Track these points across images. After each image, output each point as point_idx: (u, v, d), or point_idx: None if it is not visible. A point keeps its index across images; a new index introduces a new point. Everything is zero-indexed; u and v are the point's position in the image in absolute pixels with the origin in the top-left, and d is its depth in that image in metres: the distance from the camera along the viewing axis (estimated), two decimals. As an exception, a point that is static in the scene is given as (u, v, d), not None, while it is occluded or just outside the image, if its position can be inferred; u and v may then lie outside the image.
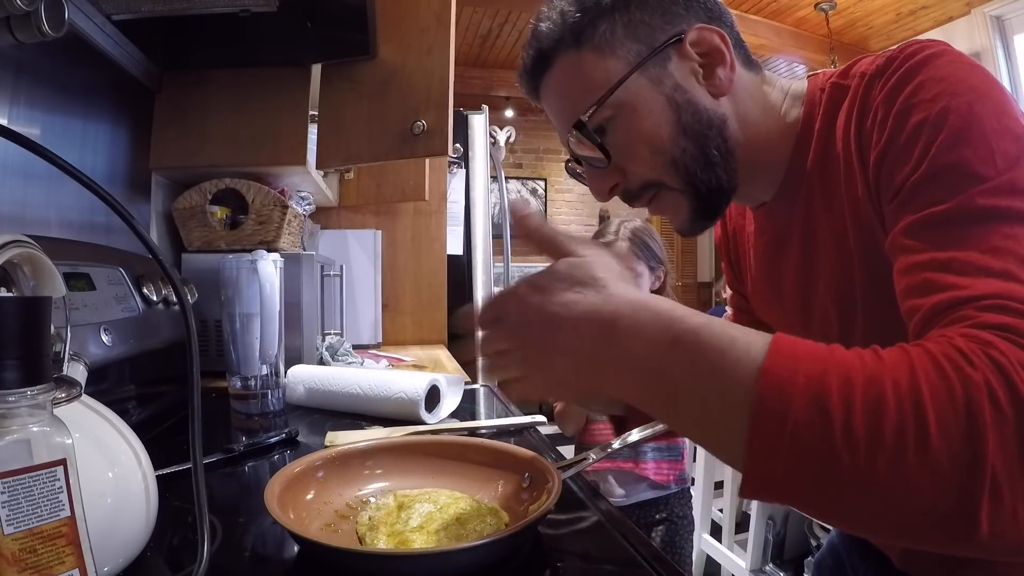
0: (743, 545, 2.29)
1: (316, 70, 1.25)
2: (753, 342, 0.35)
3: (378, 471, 0.63)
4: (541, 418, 0.90)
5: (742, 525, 2.31)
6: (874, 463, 0.31)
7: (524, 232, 0.45)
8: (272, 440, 0.80)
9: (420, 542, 0.49)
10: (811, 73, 0.58)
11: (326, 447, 0.77)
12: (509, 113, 5.23)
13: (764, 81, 0.58)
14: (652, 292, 1.26)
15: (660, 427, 0.72)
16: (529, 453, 0.61)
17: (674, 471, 1.46)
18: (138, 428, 0.49)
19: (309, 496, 0.57)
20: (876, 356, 0.34)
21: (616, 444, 0.67)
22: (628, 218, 1.47)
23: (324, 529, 0.54)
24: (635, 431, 0.70)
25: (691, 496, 1.62)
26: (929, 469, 0.31)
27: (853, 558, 0.74)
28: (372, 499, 0.59)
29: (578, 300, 0.39)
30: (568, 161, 0.63)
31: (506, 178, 4.51)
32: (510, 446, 0.65)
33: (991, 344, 0.33)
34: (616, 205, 6.03)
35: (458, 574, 0.46)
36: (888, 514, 0.32)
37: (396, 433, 0.81)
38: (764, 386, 0.33)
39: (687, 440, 1.38)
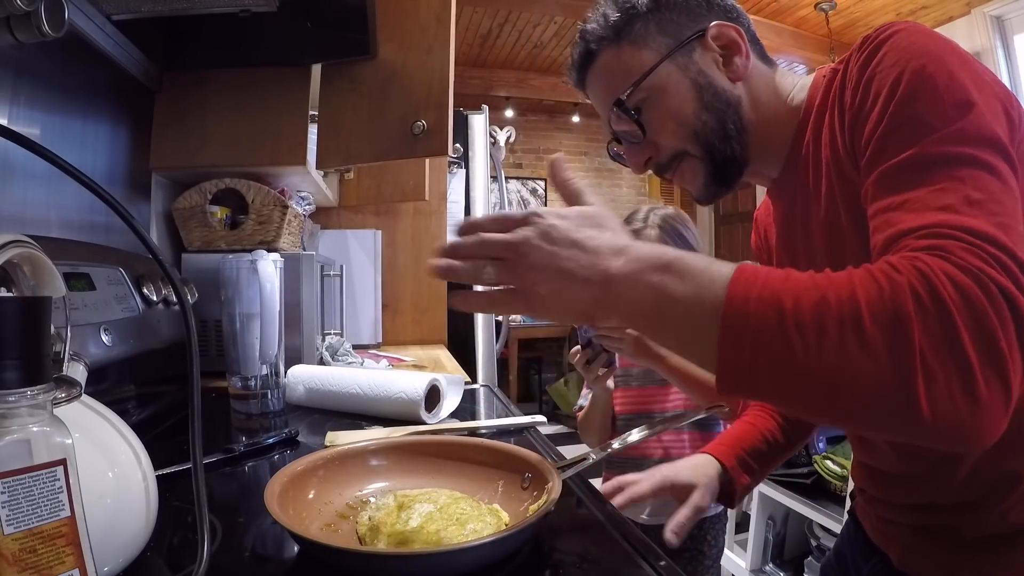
0: (743, 545, 2.29)
1: (316, 70, 1.25)
2: (724, 264, 0.43)
3: (378, 471, 0.63)
4: (541, 418, 0.91)
5: (742, 525, 2.31)
6: (821, 348, 0.38)
7: (559, 179, 0.54)
8: (272, 440, 0.80)
9: (420, 542, 0.49)
10: (822, 66, 0.65)
11: (326, 447, 0.77)
12: (509, 113, 5.23)
13: (778, 74, 0.67)
14: None
15: (659, 428, 0.72)
16: (529, 453, 0.61)
17: None
18: (138, 428, 0.49)
19: (309, 496, 0.57)
20: (824, 274, 0.42)
21: (616, 444, 0.67)
22: (659, 205, 1.31)
23: (324, 529, 0.54)
24: (635, 431, 0.70)
25: (726, 519, 1.33)
26: (867, 352, 0.37)
27: (857, 560, 0.75)
28: (372, 499, 0.59)
29: (598, 234, 0.47)
30: (609, 142, 0.73)
31: (506, 178, 4.51)
32: (510, 446, 0.65)
33: (918, 258, 0.40)
34: (615, 205, 6.03)
35: (458, 574, 0.46)
36: (839, 396, 0.39)
37: (396, 433, 0.81)
38: (731, 294, 0.41)
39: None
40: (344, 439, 0.79)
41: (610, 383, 1.27)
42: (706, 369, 0.44)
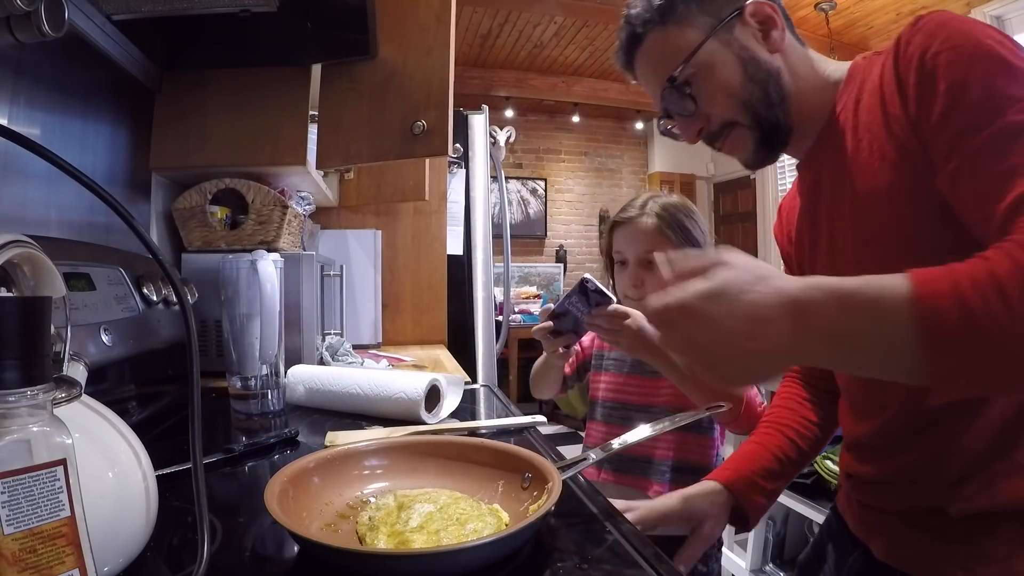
0: (743, 545, 2.29)
1: (316, 70, 1.25)
2: (896, 282, 0.46)
3: (378, 471, 0.63)
4: (541, 418, 0.90)
5: (742, 525, 2.31)
6: (1015, 323, 0.42)
7: (681, 276, 0.51)
8: (272, 440, 0.80)
9: (420, 542, 0.49)
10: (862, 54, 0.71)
11: (326, 447, 0.77)
12: (509, 113, 5.23)
13: (811, 51, 0.73)
14: None
15: (658, 429, 0.70)
16: (529, 453, 0.61)
17: None
18: (138, 428, 0.49)
19: (309, 497, 0.57)
20: (982, 258, 0.45)
21: (616, 444, 0.67)
22: (661, 193, 1.17)
23: (324, 529, 0.54)
24: (634, 432, 0.70)
25: (721, 542, 1.11)
26: None
27: (839, 554, 0.78)
28: (372, 499, 0.59)
29: (758, 299, 0.47)
30: (660, 118, 0.77)
31: (506, 178, 4.51)
32: (510, 446, 0.65)
33: None
34: (615, 206, 6.02)
35: (458, 574, 0.46)
36: None
37: (396, 433, 0.81)
38: (919, 308, 0.44)
39: (721, 454, 1.12)
40: (344, 439, 0.79)
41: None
42: (917, 382, 0.46)
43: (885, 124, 0.60)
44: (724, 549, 2.19)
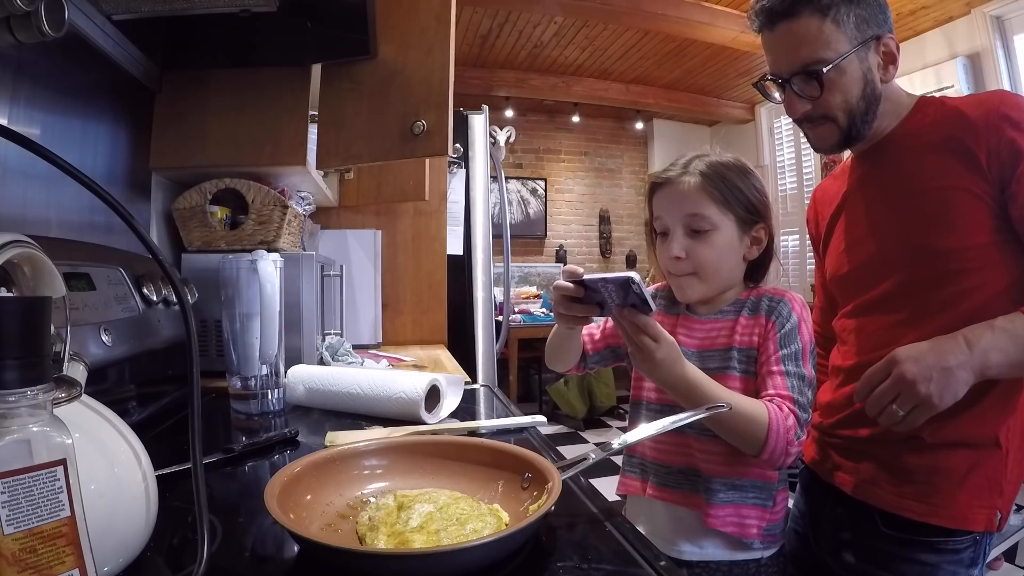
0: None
1: (316, 70, 1.25)
2: (1020, 317, 0.76)
3: (378, 471, 0.63)
4: (541, 418, 0.90)
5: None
6: None
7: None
8: (272, 440, 0.80)
9: (420, 542, 0.49)
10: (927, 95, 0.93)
11: (326, 447, 0.77)
12: (509, 113, 5.23)
13: (897, 85, 0.91)
14: (752, 261, 0.90)
15: (660, 429, 0.69)
16: (529, 453, 0.61)
17: (762, 521, 0.85)
18: (138, 428, 0.49)
19: (309, 496, 0.57)
20: None
21: (616, 444, 0.66)
22: (708, 152, 0.93)
23: (324, 529, 0.54)
24: (634, 432, 0.70)
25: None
26: None
27: (814, 507, 1.00)
28: (372, 499, 0.59)
29: (947, 349, 0.75)
30: (765, 79, 0.91)
31: (506, 178, 4.50)
32: (510, 446, 0.65)
33: None
34: (615, 206, 6.03)
35: (458, 574, 0.46)
36: None
37: (396, 433, 0.81)
38: None
39: (781, 479, 0.89)
40: (344, 439, 0.79)
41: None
42: None
43: (960, 153, 0.82)
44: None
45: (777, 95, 0.90)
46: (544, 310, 5.32)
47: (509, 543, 0.48)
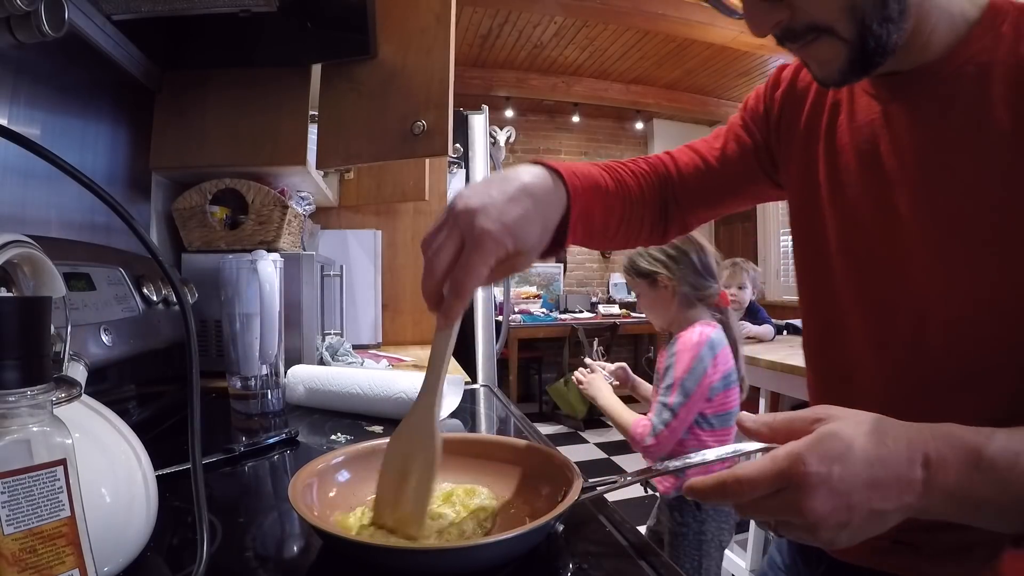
0: (743, 545, 2.29)
1: (316, 70, 1.25)
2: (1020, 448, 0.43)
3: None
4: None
5: (742, 525, 2.31)
6: None
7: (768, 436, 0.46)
8: (272, 440, 0.80)
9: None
10: None
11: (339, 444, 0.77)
12: (509, 113, 5.23)
13: None
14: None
15: (700, 462, 0.56)
16: (561, 458, 0.59)
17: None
18: (138, 428, 0.49)
19: (332, 493, 0.57)
20: None
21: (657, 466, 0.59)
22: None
23: (352, 526, 0.54)
24: (675, 460, 0.56)
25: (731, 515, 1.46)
26: None
27: (808, 560, 0.73)
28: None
29: (887, 455, 0.42)
30: None
31: (506, 178, 4.47)
32: (541, 447, 0.64)
33: None
34: (616, 205, 6.02)
35: (463, 571, 0.46)
36: None
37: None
38: None
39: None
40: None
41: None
42: (999, 529, 0.45)
43: None
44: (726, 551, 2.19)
45: (738, 5, 0.60)
46: (544, 310, 5.33)
47: (524, 542, 0.48)
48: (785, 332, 2.79)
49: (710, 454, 0.53)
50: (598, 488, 0.55)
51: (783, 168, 0.72)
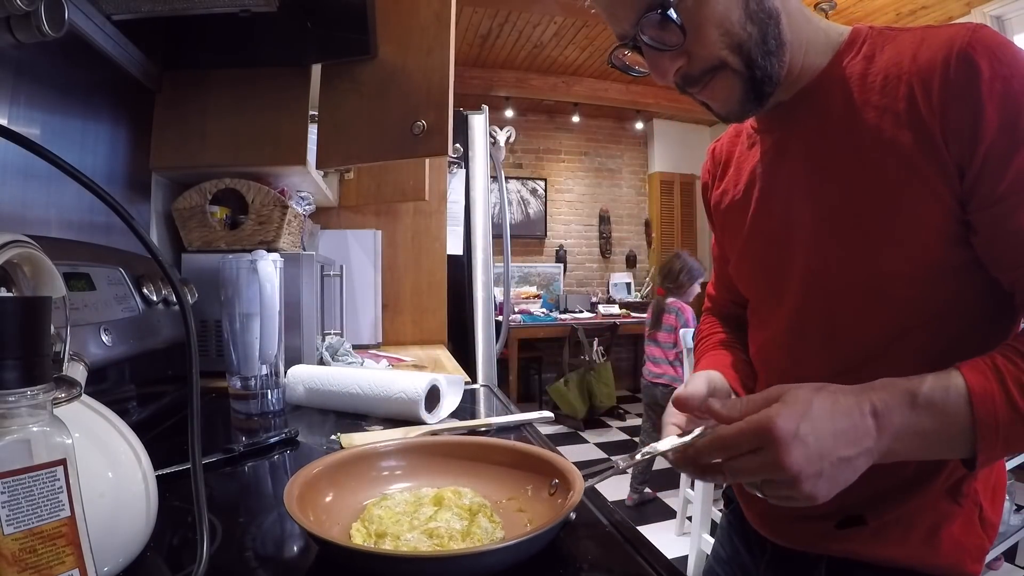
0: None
1: (316, 70, 1.25)
2: (955, 382, 0.51)
3: (397, 472, 0.63)
4: (548, 414, 0.90)
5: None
6: None
7: (708, 412, 0.53)
8: (272, 440, 0.80)
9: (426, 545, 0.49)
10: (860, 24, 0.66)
11: (341, 447, 0.77)
12: (509, 113, 5.23)
13: (803, 6, 0.65)
14: None
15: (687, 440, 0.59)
16: (556, 458, 0.60)
17: None
18: (138, 428, 0.49)
19: (328, 498, 0.57)
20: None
21: (638, 456, 0.61)
22: None
23: (342, 532, 0.54)
24: (664, 441, 0.59)
25: None
26: None
27: (750, 547, 0.77)
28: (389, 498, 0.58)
29: (843, 409, 0.49)
30: (617, 48, 0.63)
31: (506, 178, 4.49)
32: (534, 448, 0.64)
33: None
34: (615, 206, 6.02)
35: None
36: None
37: (412, 433, 0.81)
38: (979, 412, 0.49)
39: None
40: (359, 440, 0.79)
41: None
42: (956, 457, 0.53)
43: (911, 121, 0.56)
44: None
45: (639, 65, 0.64)
46: (544, 310, 5.33)
47: (525, 548, 0.48)
48: None
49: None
50: (595, 478, 0.57)
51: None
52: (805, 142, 0.64)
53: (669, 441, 0.58)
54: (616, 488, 3.28)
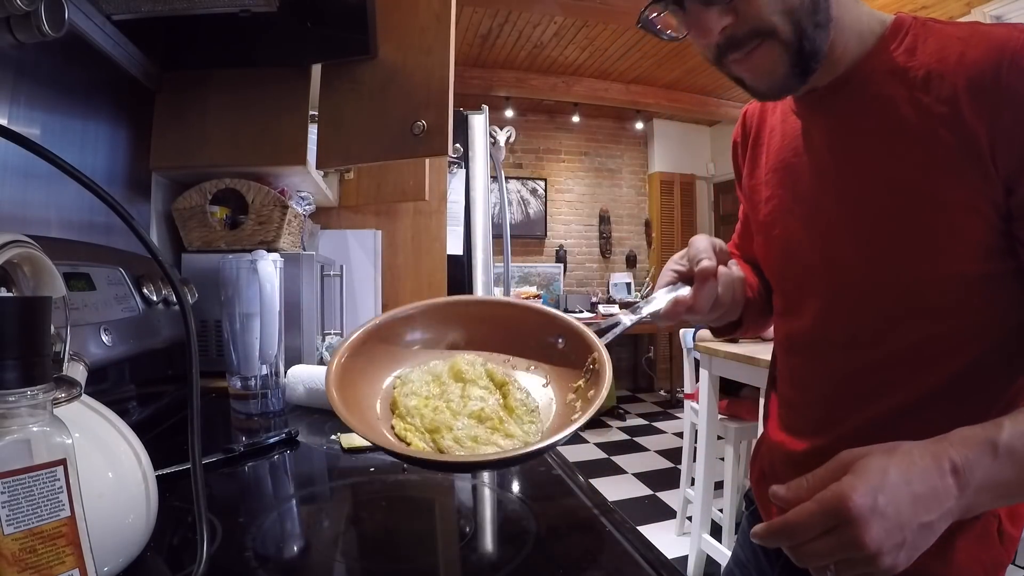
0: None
1: (316, 70, 1.25)
2: None
3: (421, 343, 0.59)
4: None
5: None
6: None
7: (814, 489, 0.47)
8: (272, 440, 0.80)
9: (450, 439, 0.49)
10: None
11: (343, 448, 0.77)
12: (509, 113, 5.23)
13: None
14: None
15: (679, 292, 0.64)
16: (558, 314, 0.59)
17: None
18: (138, 428, 0.49)
19: (363, 382, 0.54)
20: None
21: (645, 310, 0.62)
22: None
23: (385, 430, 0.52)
24: (660, 293, 0.64)
25: None
26: None
27: (760, 562, 0.77)
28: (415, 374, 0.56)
29: (920, 473, 0.45)
30: (649, 6, 0.59)
31: (506, 178, 4.50)
32: (531, 304, 0.62)
33: None
34: (615, 206, 6.02)
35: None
36: None
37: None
38: None
39: None
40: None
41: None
42: None
43: (954, 124, 0.53)
44: (724, 548, 2.19)
45: (676, 25, 0.60)
46: (544, 310, 5.31)
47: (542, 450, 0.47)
48: None
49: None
50: (609, 333, 0.57)
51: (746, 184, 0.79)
52: (836, 132, 0.62)
53: (668, 291, 0.63)
54: (616, 488, 3.28)
